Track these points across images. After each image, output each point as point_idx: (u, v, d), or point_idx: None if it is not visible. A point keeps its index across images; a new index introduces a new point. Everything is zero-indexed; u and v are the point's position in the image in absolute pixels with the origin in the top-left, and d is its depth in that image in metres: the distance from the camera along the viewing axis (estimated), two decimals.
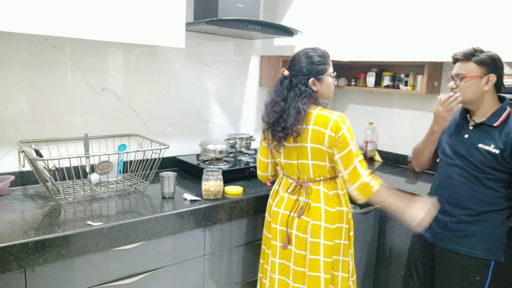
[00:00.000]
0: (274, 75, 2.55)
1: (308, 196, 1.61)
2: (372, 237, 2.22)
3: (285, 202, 1.65)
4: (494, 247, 1.60)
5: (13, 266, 1.25)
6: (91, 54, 1.94)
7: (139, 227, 1.51)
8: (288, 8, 2.40)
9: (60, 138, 1.90)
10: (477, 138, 1.61)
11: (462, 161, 1.64)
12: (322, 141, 1.55)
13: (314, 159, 1.59)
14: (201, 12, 2.10)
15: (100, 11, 1.59)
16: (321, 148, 1.56)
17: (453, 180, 1.66)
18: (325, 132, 1.54)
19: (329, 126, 1.53)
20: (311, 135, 1.56)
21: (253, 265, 1.97)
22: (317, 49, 1.64)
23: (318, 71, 1.60)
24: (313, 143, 1.57)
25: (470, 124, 1.66)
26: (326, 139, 1.54)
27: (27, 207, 1.57)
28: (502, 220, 1.61)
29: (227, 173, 2.01)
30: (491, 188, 1.58)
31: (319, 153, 1.57)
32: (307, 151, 1.59)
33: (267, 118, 1.64)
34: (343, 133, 1.52)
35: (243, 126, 2.65)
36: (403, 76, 2.61)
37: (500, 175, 1.57)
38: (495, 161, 1.55)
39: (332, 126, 1.53)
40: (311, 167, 1.61)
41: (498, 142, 1.56)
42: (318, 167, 1.60)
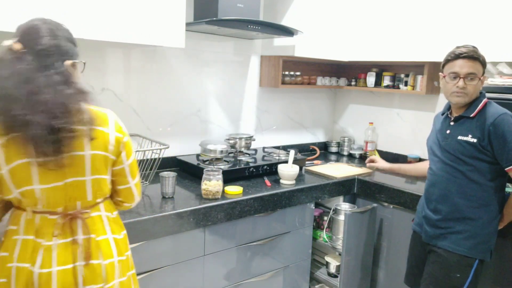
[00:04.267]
0: (274, 75, 2.55)
1: (92, 227, 1.16)
2: (369, 236, 2.22)
3: (56, 254, 1.09)
4: (480, 247, 1.62)
5: None
6: (91, 54, 1.94)
7: (139, 227, 1.51)
8: (288, 8, 2.40)
9: None
10: (457, 132, 1.66)
11: (445, 156, 1.68)
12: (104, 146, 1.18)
13: (95, 172, 1.15)
14: (201, 12, 2.10)
15: (100, 11, 1.59)
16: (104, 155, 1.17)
17: (439, 177, 1.70)
18: (108, 132, 1.20)
19: (111, 126, 1.21)
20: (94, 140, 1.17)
21: (253, 265, 1.97)
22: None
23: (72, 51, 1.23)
24: (95, 149, 1.15)
25: (451, 119, 1.70)
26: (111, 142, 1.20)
27: None
28: (490, 219, 1.62)
29: (227, 173, 2.01)
30: (475, 181, 1.61)
31: (101, 162, 1.17)
32: (86, 162, 1.13)
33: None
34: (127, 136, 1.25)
35: (243, 126, 2.65)
36: (403, 76, 2.61)
37: (481, 165, 1.60)
38: (474, 149, 1.59)
39: (115, 126, 1.24)
40: (89, 186, 1.15)
41: (475, 131, 1.60)
42: (98, 183, 1.17)
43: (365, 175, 2.37)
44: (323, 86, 2.86)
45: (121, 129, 1.23)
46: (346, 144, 3.00)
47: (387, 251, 2.26)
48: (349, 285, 2.18)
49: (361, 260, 2.21)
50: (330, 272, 2.34)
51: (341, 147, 3.04)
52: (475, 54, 1.59)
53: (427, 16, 2.24)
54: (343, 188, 2.29)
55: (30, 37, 1.09)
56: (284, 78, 2.63)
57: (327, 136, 3.21)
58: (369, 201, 2.29)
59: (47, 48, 1.09)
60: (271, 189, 1.97)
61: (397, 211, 2.17)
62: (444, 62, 1.68)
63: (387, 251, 2.26)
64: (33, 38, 1.09)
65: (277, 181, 2.12)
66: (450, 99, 1.68)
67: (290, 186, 2.06)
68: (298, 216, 2.12)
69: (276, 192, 1.95)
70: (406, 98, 2.72)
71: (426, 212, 1.75)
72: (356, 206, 2.28)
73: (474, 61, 1.59)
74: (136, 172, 1.30)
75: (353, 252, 2.14)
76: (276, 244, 2.05)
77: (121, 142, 1.21)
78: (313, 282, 2.39)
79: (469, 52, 1.59)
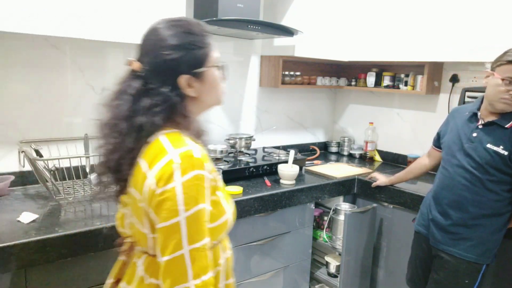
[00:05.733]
0: (274, 75, 2.55)
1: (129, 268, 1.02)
2: (369, 236, 2.23)
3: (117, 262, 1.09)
4: (488, 253, 1.60)
5: (14, 266, 1.25)
6: (91, 54, 1.94)
7: None
8: (288, 8, 2.40)
9: (60, 138, 1.90)
10: (486, 138, 1.57)
11: (467, 161, 1.60)
12: (140, 186, 0.89)
13: (134, 215, 0.95)
14: (201, 12, 2.10)
15: (100, 11, 1.59)
16: (137, 198, 0.91)
17: (456, 182, 1.63)
18: (146, 174, 0.87)
19: (156, 168, 0.86)
20: (134, 174, 0.92)
21: (253, 265, 1.97)
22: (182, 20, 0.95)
23: (194, 60, 0.93)
24: (133, 187, 0.93)
25: (480, 122, 1.61)
26: (145, 187, 0.87)
27: (27, 207, 1.57)
28: (500, 226, 1.60)
29: (227, 173, 2.01)
30: (493, 191, 1.57)
31: (135, 206, 0.92)
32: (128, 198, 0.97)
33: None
34: (172, 188, 0.83)
35: (243, 126, 2.65)
36: (403, 76, 2.61)
37: (503, 177, 1.55)
38: (502, 162, 1.53)
39: (160, 169, 0.85)
40: (133, 227, 0.98)
41: (507, 144, 1.53)
42: (135, 229, 0.96)
43: (365, 175, 2.37)
44: (323, 86, 2.86)
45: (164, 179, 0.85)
46: (346, 144, 3.00)
47: (387, 251, 2.26)
48: (349, 285, 2.18)
49: (361, 260, 2.21)
50: (330, 272, 2.34)
51: (341, 147, 3.04)
52: None
53: (427, 16, 2.24)
54: (343, 188, 2.29)
55: None
56: (284, 78, 2.63)
57: (327, 136, 3.21)
58: (369, 201, 2.29)
59: None
60: (271, 189, 1.97)
61: (397, 211, 2.17)
62: (503, 63, 1.49)
63: (387, 251, 2.26)
64: None
65: (277, 181, 2.12)
66: (496, 104, 1.53)
67: (290, 186, 2.06)
68: (298, 216, 2.12)
69: (276, 192, 1.95)
70: (406, 98, 2.72)
71: (434, 215, 1.70)
72: (356, 206, 2.28)
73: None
74: (167, 245, 0.85)
75: (353, 252, 2.14)
76: (276, 244, 2.05)
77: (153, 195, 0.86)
78: (313, 282, 2.39)
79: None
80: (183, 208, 0.83)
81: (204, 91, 0.95)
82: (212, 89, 0.97)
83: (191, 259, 0.83)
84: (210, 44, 0.95)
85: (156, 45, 0.92)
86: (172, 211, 0.83)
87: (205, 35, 0.95)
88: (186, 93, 0.93)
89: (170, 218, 0.83)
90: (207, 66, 0.94)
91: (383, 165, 2.74)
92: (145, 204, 0.88)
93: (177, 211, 0.83)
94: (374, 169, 2.56)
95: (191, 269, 0.83)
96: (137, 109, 0.91)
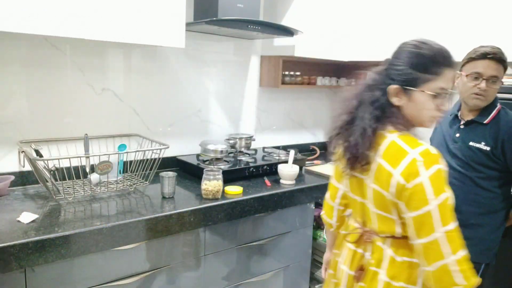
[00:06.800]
0: (274, 75, 2.55)
1: (372, 253, 1.16)
2: None
3: (346, 253, 1.24)
4: (486, 252, 1.60)
5: (13, 266, 1.25)
6: (91, 54, 1.94)
7: (139, 227, 1.51)
8: (288, 8, 2.39)
9: (60, 138, 1.90)
10: (467, 136, 1.60)
11: (454, 162, 1.63)
12: (386, 185, 1.06)
13: (378, 207, 1.12)
14: (201, 12, 2.10)
15: (100, 11, 1.59)
16: (384, 195, 1.07)
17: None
18: (392, 173, 1.03)
19: (401, 167, 1.02)
20: (376, 172, 1.08)
21: (253, 265, 1.97)
22: (432, 44, 1.11)
23: (408, 78, 1.07)
24: (376, 184, 1.09)
25: (461, 122, 1.64)
26: (393, 185, 1.04)
27: (27, 207, 1.57)
28: (497, 224, 1.61)
29: (227, 173, 2.01)
30: (485, 188, 1.58)
31: (382, 201, 1.09)
32: (370, 192, 1.13)
33: (333, 124, 1.23)
34: (420, 182, 0.99)
35: (243, 126, 2.65)
36: None
37: (491, 173, 1.57)
38: (486, 158, 1.55)
39: (406, 168, 1.01)
40: (375, 217, 1.14)
41: (489, 139, 1.55)
42: (383, 219, 1.12)
43: None
44: (323, 86, 2.86)
45: (412, 175, 1.00)
46: None
47: None
48: None
49: None
50: None
51: None
52: (502, 56, 1.52)
53: (426, 16, 2.24)
54: None
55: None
56: (284, 78, 2.63)
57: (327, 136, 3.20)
58: None
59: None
60: (271, 189, 1.97)
61: None
62: (466, 60, 1.57)
63: None
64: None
65: (277, 181, 2.12)
66: (468, 101, 1.58)
67: (290, 186, 2.06)
68: (298, 216, 2.11)
69: (276, 192, 1.95)
70: None
71: None
72: None
73: (499, 64, 1.52)
74: (422, 230, 1.00)
75: None
76: (276, 244, 2.05)
77: (403, 189, 1.02)
78: (313, 282, 2.39)
79: (497, 54, 1.52)
80: (433, 197, 0.98)
81: (409, 108, 1.09)
82: (417, 111, 1.09)
83: (447, 239, 0.97)
84: (438, 74, 1.06)
85: (394, 54, 1.15)
86: (423, 201, 0.98)
87: (437, 65, 1.06)
88: (391, 100, 1.10)
89: (422, 207, 0.99)
90: (420, 88, 1.06)
91: None
92: (393, 197, 1.05)
93: (428, 200, 0.98)
94: None
95: (449, 248, 0.97)
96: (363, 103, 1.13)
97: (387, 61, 1.16)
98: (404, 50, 1.12)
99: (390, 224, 1.11)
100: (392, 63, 1.13)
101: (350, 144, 1.13)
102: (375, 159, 1.08)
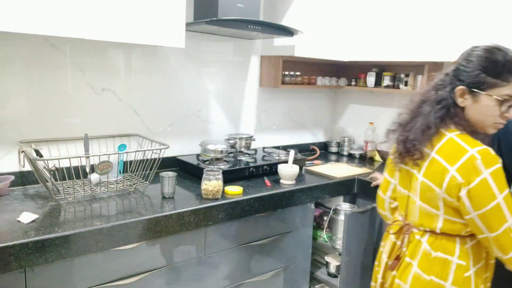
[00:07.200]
0: (274, 75, 2.55)
1: (408, 245, 1.24)
2: (369, 236, 2.22)
3: (388, 244, 1.35)
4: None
5: (13, 266, 1.25)
6: (91, 54, 1.94)
7: (139, 227, 1.51)
8: (288, 8, 2.40)
9: (60, 138, 1.90)
10: None
11: None
12: (439, 180, 1.11)
13: (423, 200, 1.17)
14: (201, 12, 2.10)
15: (100, 11, 1.59)
16: (434, 189, 1.13)
17: None
18: (448, 169, 1.08)
19: (458, 164, 1.06)
20: (428, 166, 1.14)
21: (253, 265, 1.97)
22: (507, 51, 1.09)
23: (477, 80, 1.08)
24: (427, 177, 1.14)
25: None
26: (447, 180, 1.09)
27: (27, 207, 1.57)
28: None
29: (227, 173, 2.01)
30: None
31: (430, 195, 1.15)
32: (417, 186, 1.18)
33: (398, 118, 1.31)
34: (484, 179, 1.04)
35: (243, 126, 2.65)
36: (403, 76, 2.61)
37: None
38: None
39: (463, 165, 1.06)
40: (417, 210, 1.20)
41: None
42: (425, 213, 1.18)
43: (365, 175, 2.37)
44: (323, 86, 2.86)
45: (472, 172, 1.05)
46: (346, 144, 3.00)
47: None
48: (349, 285, 2.18)
49: (361, 260, 2.21)
50: (330, 272, 2.34)
51: (341, 147, 3.04)
52: None
53: (426, 16, 2.24)
54: (343, 188, 2.29)
55: None
56: (284, 78, 2.63)
57: (327, 136, 3.21)
58: (369, 201, 2.29)
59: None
60: (271, 189, 1.97)
61: None
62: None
63: None
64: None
65: (277, 181, 2.12)
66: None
67: (290, 186, 2.06)
68: (298, 216, 2.11)
69: (276, 192, 1.95)
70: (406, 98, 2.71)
71: None
72: (356, 206, 2.28)
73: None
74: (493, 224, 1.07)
75: (353, 252, 2.14)
76: (276, 244, 2.05)
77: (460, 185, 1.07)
78: (313, 282, 2.39)
79: None
80: (498, 192, 1.04)
81: (472, 110, 1.13)
82: (481, 114, 1.12)
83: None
84: (508, 81, 1.08)
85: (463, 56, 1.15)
86: (489, 196, 1.04)
87: (508, 72, 1.08)
88: (456, 101, 1.13)
89: (489, 202, 1.04)
90: (487, 92, 1.09)
91: (384, 165, 2.73)
92: (444, 193, 1.09)
93: (494, 195, 1.03)
94: (374, 169, 2.56)
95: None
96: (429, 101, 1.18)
97: (455, 63, 1.17)
98: (476, 54, 1.12)
99: (431, 219, 1.16)
100: (462, 64, 1.14)
101: (406, 138, 1.18)
102: (430, 154, 1.13)
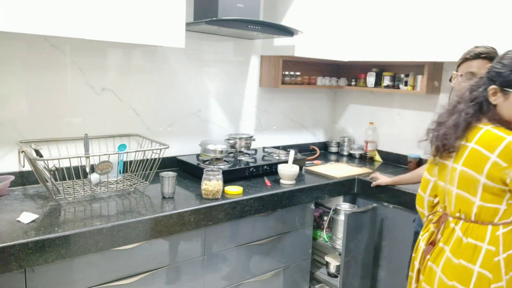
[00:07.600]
0: (274, 75, 2.55)
1: (443, 231, 1.34)
2: (369, 236, 2.22)
3: (427, 233, 1.42)
4: None
5: (13, 266, 1.25)
6: (91, 54, 1.94)
7: (139, 227, 1.51)
8: (288, 8, 2.40)
9: (60, 138, 1.90)
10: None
11: None
12: (480, 167, 1.21)
13: (461, 187, 1.27)
14: (201, 12, 2.10)
15: (100, 11, 1.59)
16: (475, 176, 1.22)
17: None
18: (489, 156, 1.19)
19: (498, 149, 1.17)
20: (467, 156, 1.24)
21: (253, 265, 1.97)
22: None
23: (509, 80, 1.21)
24: (466, 166, 1.25)
25: None
26: (488, 166, 1.19)
27: (27, 207, 1.57)
28: None
29: (227, 173, 2.01)
30: None
31: (470, 182, 1.24)
32: (455, 175, 1.28)
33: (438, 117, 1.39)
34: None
35: (243, 126, 2.65)
36: (403, 76, 2.61)
37: None
38: None
39: (503, 150, 1.17)
40: (454, 198, 1.30)
41: None
42: (462, 199, 1.28)
43: (365, 175, 2.37)
44: (323, 86, 2.86)
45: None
46: (346, 144, 3.00)
47: (388, 251, 2.26)
48: (349, 285, 2.18)
49: (361, 260, 2.21)
50: (330, 272, 2.34)
51: (341, 147, 3.04)
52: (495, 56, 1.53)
53: (427, 16, 2.24)
54: (343, 188, 2.29)
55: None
56: (284, 78, 2.63)
57: (327, 136, 3.21)
58: (369, 201, 2.29)
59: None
60: (271, 189, 1.97)
61: (397, 211, 2.17)
62: (461, 61, 1.63)
63: (388, 251, 2.26)
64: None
65: (277, 181, 2.12)
66: None
67: (290, 186, 2.06)
68: (298, 216, 2.11)
69: (276, 192, 1.95)
70: (406, 98, 2.72)
71: None
72: (356, 206, 2.28)
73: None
74: None
75: (353, 252, 2.14)
76: (276, 244, 2.05)
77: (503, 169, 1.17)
78: (313, 282, 2.39)
79: (490, 53, 1.56)
80: None
81: (504, 107, 1.23)
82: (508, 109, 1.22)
83: None
84: None
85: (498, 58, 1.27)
86: None
87: None
88: (489, 99, 1.24)
89: None
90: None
91: (384, 165, 2.73)
92: (486, 179, 1.19)
93: None
94: (374, 169, 2.56)
95: None
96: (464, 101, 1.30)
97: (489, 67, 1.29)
98: (509, 56, 1.24)
99: (468, 205, 1.25)
100: (495, 66, 1.26)
101: (441, 133, 1.29)
102: (469, 145, 1.23)
